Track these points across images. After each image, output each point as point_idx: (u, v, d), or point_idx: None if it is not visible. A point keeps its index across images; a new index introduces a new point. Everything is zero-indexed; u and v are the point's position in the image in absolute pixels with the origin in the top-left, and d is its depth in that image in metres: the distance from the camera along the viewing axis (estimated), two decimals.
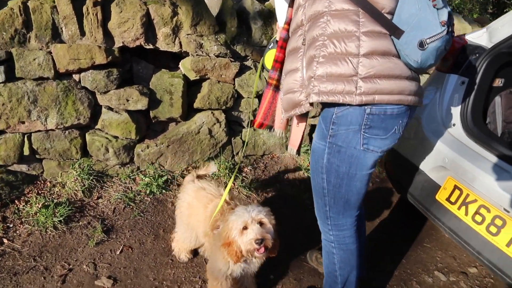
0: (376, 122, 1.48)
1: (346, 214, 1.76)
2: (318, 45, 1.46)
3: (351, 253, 1.85)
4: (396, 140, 1.57)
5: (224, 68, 3.19)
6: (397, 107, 1.47)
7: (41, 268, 2.34)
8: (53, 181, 2.97)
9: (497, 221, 1.94)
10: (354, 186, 1.65)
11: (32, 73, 2.70)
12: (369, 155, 1.56)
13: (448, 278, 2.56)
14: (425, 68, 1.43)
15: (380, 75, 1.41)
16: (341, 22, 1.42)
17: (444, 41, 1.34)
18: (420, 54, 1.35)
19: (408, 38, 1.35)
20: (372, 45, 1.39)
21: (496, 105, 2.50)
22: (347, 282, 1.91)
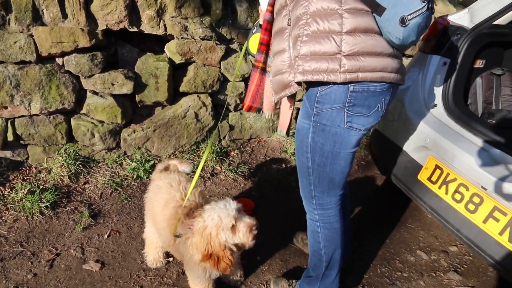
0: (359, 100, 1.50)
1: (330, 193, 1.79)
2: (301, 24, 1.46)
3: (335, 232, 1.89)
4: (379, 118, 1.59)
5: (210, 51, 3.17)
6: (380, 84, 1.48)
7: (28, 253, 2.35)
8: (38, 167, 2.96)
9: (475, 198, 1.99)
10: (338, 165, 1.67)
11: (14, 57, 2.65)
12: (353, 133, 1.58)
13: (430, 257, 2.64)
14: (407, 45, 1.44)
15: (363, 52, 1.42)
16: (323, 0, 1.42)
17: (425, 17, 1.35)
18: (402, 30, 1.36)
19: (390, 15, 1.36)
20: (354, 22, 1.40)
21: (477, 86, 2.55)
22: (332, 260, 1.95)
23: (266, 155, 3.59)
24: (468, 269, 2.55)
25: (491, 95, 2.48)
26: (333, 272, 1.99)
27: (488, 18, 2.21)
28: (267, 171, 3.41)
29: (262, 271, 2.38)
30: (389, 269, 2.50)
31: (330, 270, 1.98)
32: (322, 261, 1.96)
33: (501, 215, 1.88)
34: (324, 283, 2.01)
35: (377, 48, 1.44)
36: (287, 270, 2.41)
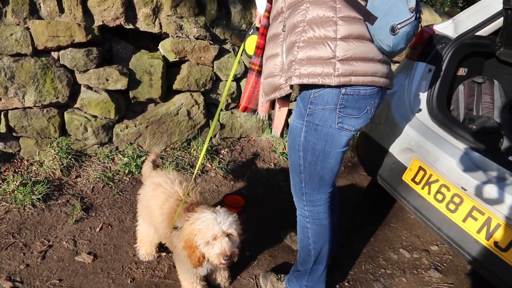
0: (351, 102, 1.58)
1: (320, 191, 1.88)
2: (298, 31, 1.54)
3: (324, 228, 1.97)
4: (368, 119, 1.68)
5: (204, 51, 3.23)
6: (370, 88, 1.57)
7: (20, 244, 2.37)
8: (30, 160, 2.97)
9: (455, 199, 2.11)
10: (328, 163, 1.76)
11: (9, 49, 2.67)
12: (343, 133, 1.66)
13: (412, 255, 2.75)
14: (397, 52, 1.53)
15: (356, 58, 1.51)
16: (320, 8, 1.51)
17: (413, 26, 1.45)
18: (392, 38, 1.45)
19: (381, 23, 1.45)
20: (348, 29, 1.49)
21: (459, 93, 2.68)
22: (320, 255, 2.03)
23: (256, 154, 3.67)
24: (448, 267, 2.67)
25: (472, 102, 2.61)
26: (321, 267, 2.06)
27: (471, 29, 2.34)
28: (256, 170, 3.49)
29: (251, 266, 2.46)
30: (373, 266, 2.60)
31: (318, 265, 2.05)
32: (311, 256, 2.04)
33: (479, 215, 2.00)
34: (312, 277, 2.09)
35: (368, 54, 1.53)
36: (275, 265, 2.49)
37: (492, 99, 2.60)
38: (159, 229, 2.06)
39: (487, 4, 2.39)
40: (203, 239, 1.72)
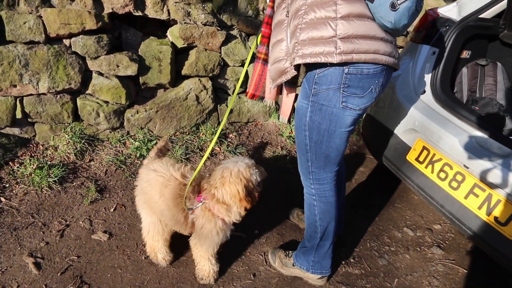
0: (354, 81, 1.63)
1: (326, 169, 1.95)
2: (300, 14, 1.60)
3: (330, 205, 2.05)
4: (373, 99, 1.72)
5: (211, 37, 3.29)
6: (373, 67, 1.61)
7: (39, 224, 2.48)
8: (45, 144, 3.07)
9: (457, 176, 2.18)
10: (333, 143, 1.82)
11: (23, 37, 2.74)
12: (348, 112, 1.71)
13: (415, 234, 2.84)
14: (400, 28, 1.55)
15: (357, 35, 1.55)
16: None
17: (415, 1, 1.48)
18: (393, 15, 1.49)
19: (380, 1, 1.49)
20: (348, 8, 1.54)
21: (463, 75, 2.73)
22: (326, 232, 2.11)
23: (263, 138, 3.75)
24: (450, 245, 2.76)
25: (475, 84, 2.66)
26: (327, 243, 2.15)
27: (474, 12, 2.39)
28: (263, 153, 3.57)
29: (260, 243, 2.56)
30: (378, 244, 2.70)
31: (324, 241, 2.14)
32: (317, 232, 2.13)
33: (480, 191, 2.08)
34: (319, 253, 2.18)
35: (370, 32, 1.56)
36: (283, 243, 2.59)
37: (495, 81, 2.65)
38: (167, 216, 2.03)
39: None
40: (254, 167, 1.91)
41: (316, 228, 2.12)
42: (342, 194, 2.40)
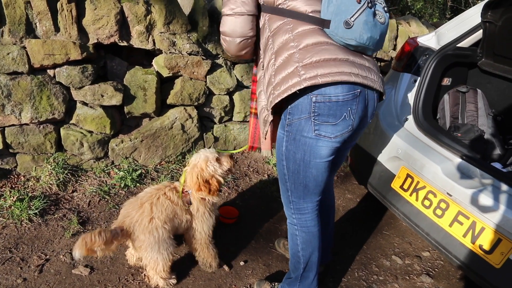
0: (323, 109, 1.61)
1: (306, 199, 1.93)
2: (271, 63, 1.67)
3: (312, 236, 2.02)
4: (349, 126, 1.66)
5: (196, 66, 3.32)
6: (342, 94, 1.58)
7: (17, 259, 2.40)
8: (27, 175, 3.01)
9: (442, 204, 2.18)
10: (310, 173, 1.80)
11: (6, 68, 2.73)
12: (322, 142, 1.68)
13: (404, 261, 2.81)
14: (367, 43, 1.55)
15: (318, 61, 1.56)
16: (279, 36, 1.63)
17: (370, 14, 1.51)
18: (350, 32, 1.51)
19: (335, 24, 1.52)
20: (305, 41, 1.57)
21: (445, 102, 2.77)
22: (309, 262, 2.07)
23: (249, 166, 3.73)
24: (439, 273, 2.72)
25: (457, 110, 2.70)
26: (311, 274, 2.10)
27: (453, 41, 2.45)
28: (250, 181, 3.54)
29: (245, 275, 2.50)
30: (366, 273, 2.65)
31: (308, 272, 2.10)
32: (300, 263, 2.09)
33: (464, 219, 2.07)
34: (303, 284, 2.13)
35: (331, 55, 1.56)
36: (269, 274, 2.53)
37: (476, 107, 2.69)
38: (166, 228, 2.14)
39: (467, 17, 2.50)
40: (213, 161, 2.17)
41: (299, 258, 2.09)
42: (331, 223, 2.38)
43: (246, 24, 1.69)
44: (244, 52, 1.80)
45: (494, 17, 2.37)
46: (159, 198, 2.16)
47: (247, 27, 1.70)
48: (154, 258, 2.14)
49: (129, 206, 2.17)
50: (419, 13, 7.10)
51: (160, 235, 2.10)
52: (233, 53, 1.80)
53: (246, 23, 1.69)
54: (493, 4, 2.32)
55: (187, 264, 2.51)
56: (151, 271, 2.21)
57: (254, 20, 1.72)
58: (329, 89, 1.56)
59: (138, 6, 2.99)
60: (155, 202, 2.14)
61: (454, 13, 7.42)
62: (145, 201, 2.13)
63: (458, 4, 7.36)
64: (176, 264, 2.50)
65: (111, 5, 2.89)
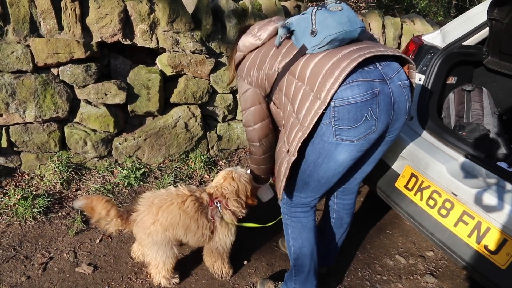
0: (342, 113, 1.55)
1: (302, 194, 1.93)
2: (287, 115, 1.73)
3: (302, 226, 2.02)
4: (372, 127, 1.59)
5: (200, 64, 3.31)
6: (359, 95, 1.52)
7: (21, 257, 2.41)
8: (31, 174, 3.02)
9: (446, 204, 2.16)
10: (316, 174, 1.77)
11: (10, 66, 2.74)
12: (343, 147, 1.62)
13: (408, 261, 2.79)
14: (340, 30, 1.53)
15: (324, 75, 1.54)
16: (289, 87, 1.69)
17: (323, 12, 1.57)
18: (321, 34, 1.55)
19: (307, 41, 1.60)
20: (303, 72, 1.62)
21: (450, 101, 2.75)
22: (300, 254, 2.06)
23: None
24: (443, 272, 2.71)
25: (462, 109, 2.68)
26: (305, 269, 2.08)
27: (458, 39, 2.42)
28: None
29: (249, 274, 2.49)
30: (370, 273, 2.64)
31: (301, 266, 2.08)
32: (291, 254, 2.11)
33: (469, 219, 2.05)
34: (299, 279, 2.13)
35: (328, 63, 1.55)
36: (273, 273, 2.53)
37: (482, 106, 2.67)
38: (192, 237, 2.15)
39: (472, 15, 2.47)
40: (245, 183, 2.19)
41: (290, 249, 2.11)
42: (344, 226, 2.34)
43: (265, 128, 1.94)
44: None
45: (501, 14, 2.34)
46: (171, 205, 2.05)
47: (267, 130, 1.96)
48: (155, 257, 2.14)
49: (146, 198, 2.14)
50: (423, 11, 7.06)
51: (160, 239, 2.08)
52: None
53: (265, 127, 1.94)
54: (500, 1, 2.29)
55: (190, 263, 2.51)
56: (153, 269, 2.21)
57: (270, 122, 1.95)
58: (345, 91, 1.51)
59: (141, 5, 2.98)
60: (165, 207, 2.05)
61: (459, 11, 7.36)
62: (156, 203, 2.08)
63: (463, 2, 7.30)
64: (179, 262, 2.50)
65: (115, 4, 2.89)
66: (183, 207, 2.04)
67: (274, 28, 1.77)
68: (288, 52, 1.67)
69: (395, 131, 1.78)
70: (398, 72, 1.63)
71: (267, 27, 1.78)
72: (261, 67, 1.77)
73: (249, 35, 1.83)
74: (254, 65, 1.81)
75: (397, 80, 1.62)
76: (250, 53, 1.86)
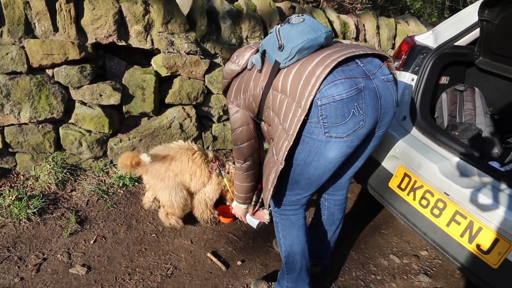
0: (329, 111, 1.56)
1: (292, 192, 1.94)
2: (276, 124, 1.76)
3: (291, 223, 2.03)
4: (360, 122, 1.61)
5: (195, 65, 3.32)
6: (344, 91, 1.54)
7: (15, 258, 2.41)
8: (26, 175, 3.03)
9: (439, 204, 2.17)
10: (306, 172, 1.79)
11: (5, 67, 2.74)
12: (332, 144, 1.64)
13: (402, 261, 2.80)
14: (306, 39, 1.59)
15: (303, 83, 1.58)
16: (275, 100, 1.73)
17: (286, 27, 1.66)
18: (288, 48, 1.61)
19: (277, 56, 1.66)
20: (281, 85, 1.68)
21: (443, 101, 2.76)
22: (291, 252, 2.07)
23: None
24: (437, 272, 2.71)
25: (455, 109, 2.69)
26: (297, 266, 2.09)
27: (450, 40, 2.44)
28: None
29: (243, 275, 2.50)
30: (364, 272, 2.65)
31: (292, 263, 2.09)
32: (282, 252, 2.11)
33: (461, 219, 2.06)
34: (291, 277, 2.14)
35: (306, 70, 1.60)
36: (267, 274, 2.53)
37: (474, 106, 2.68)
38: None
39: (464, 15, 2.49)
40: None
41: (281, 246, 2.12)
42: (336, 223, 2.35)
43: (251, 147, 2.01)
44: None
45: (491, 15, 2.36)
46: (182, 156, 2.58)
47: (252, 150, 2.03)
48: (168, 199, 2.58)
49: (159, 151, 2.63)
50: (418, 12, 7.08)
51: (171, 183, 2.56)
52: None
53: (251, 146, 2.01)
54: (490, 2, 2.30)
55: (184, 264, 2.52)
56: (168, 209, 2.64)
57: (256, 142, 2.03)
58: (330, 89, 1.54)
59: (136, 6, 2.99)
60: (177, 158, 2.57)
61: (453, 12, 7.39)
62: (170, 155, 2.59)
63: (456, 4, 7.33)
64: (173, 264, 2.51)
65: (110, 5, 2.89)
66: (192, 157, 2.59)
67: (251, 53, 1.85)
68: (267, 71, 1.75)
69: (385, 125, 1.80)
70: (380, 68, 1.67)
71: (244, 54, 1.86)
72: (246, 90, 1.84)
73: (230, 63, 1.92)
74: (241, 89, 1.88)
75: (380, 75, 1.66)
76: (235, 79, 1.95)
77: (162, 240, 2.70)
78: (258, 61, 1.76)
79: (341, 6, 6.45)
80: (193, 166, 2.59)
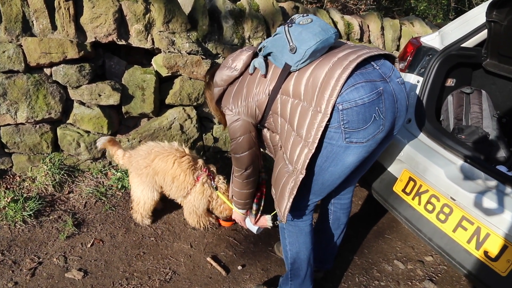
0: (352, 115, 1.53)
1: (303, 199, 1.88)
2: (288, 130, 1.71)
3: (299, 230, 1.97)
4: (380, 126, 1.59)
5: (196, 65, 3.26)
6: (366, 95, 1.51)
7: (9, 262, 2.35)
8: (22, 176, 2.97)
9: (445, 209, 2.11)
10: (321, 177, 1.74)
11: (2, 66, 2.69)
12: (352, 149, 1.60)
13: (406, 266, 2.74)
14: (318, 40, 1.55)
15: (320, 87, 1.53)
16: (285, 109, 1.69)
17: (296, 28, 1.59)
18: (301, 50, 1.56)
19: (288, 59, 1.61)
20: (296, 89, 1.63)
21: (449, 103, 2.70)
22: (297, 259, 2.03)
23: None
24: (443, 278, 2.66)
25: (461, 112, 2.64)
26: (301, 273, 2.06)
27: (456, 41, 2.38)
28: None
29: (243, 280, 2.44)
30: (367, 278, 2.59)
31: (297, 270, 2.05)
32: (288, 258, 2.07)
33: (468, 224, 2.00)
34: (295, 283, 2.10)
35: (321, 74, 1.55)
36: (268, 279, 2.47)
37: (481, 109, 2.63)
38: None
39: (471, 16, 2.44)
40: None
41: (287, 253, 2.07)
42: (341, 227, 2.31)
43: (253, 155, 1.94)
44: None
45: (500, 16, 2.31)
46: (168, 156, 2.52)
47: (254, 158, 1.96)
48: (138, 196, 2.62)
49: (148, 146, 2.63)
50: (423, 14, 7.04)
51: (148, 181, 2.55)
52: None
53: (252, 154, 1.94)
54: (499, 3, 2.25)
55: (184, 269, 2.46)
56: (135, 206, 2.67)
57: (257, 149, 1.97)
58: (351, 93, 1.51)
59: (137, 5, 2.94)
60: (162, 157, 2.52)
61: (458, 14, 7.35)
62: (155, 151, 2.56)
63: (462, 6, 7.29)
64: (172, 268, 2.45)
65: (109, 3, 2.84)
66: (179, 160, 2.50)
67: (248, 57, 1.79)
68: (274, 75, 1.68)
69: (397, 129, 1.77)
70: (393, 70, 1.65)
71: (241, 57, 1.80)
72: (249, 96, 1.76)
73: (224, 69, 1.85)
74: (241, 95, 1.80)
75: (395, 78, 1.64)
76: (231, 86, 1.87)
77: (161, 244, 2.64)
78: (262, 64, 1.70)
79: (345, 7, 6.41)
80: (178, 169, 2.51)
